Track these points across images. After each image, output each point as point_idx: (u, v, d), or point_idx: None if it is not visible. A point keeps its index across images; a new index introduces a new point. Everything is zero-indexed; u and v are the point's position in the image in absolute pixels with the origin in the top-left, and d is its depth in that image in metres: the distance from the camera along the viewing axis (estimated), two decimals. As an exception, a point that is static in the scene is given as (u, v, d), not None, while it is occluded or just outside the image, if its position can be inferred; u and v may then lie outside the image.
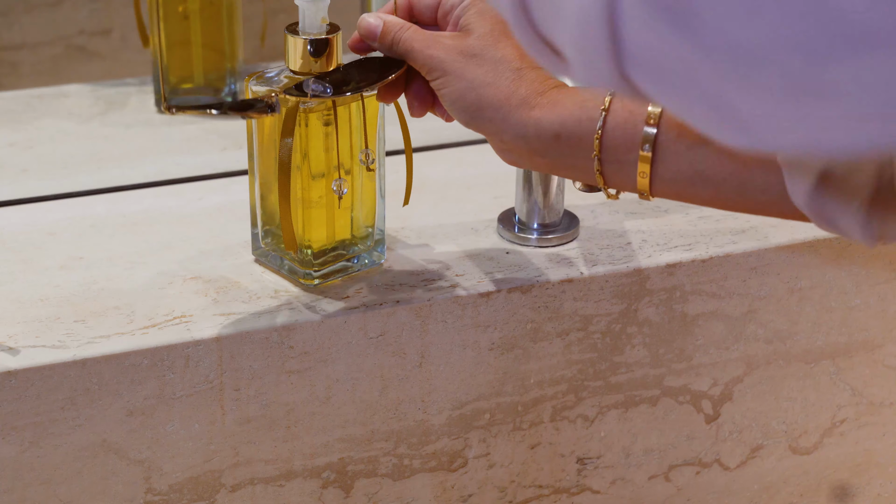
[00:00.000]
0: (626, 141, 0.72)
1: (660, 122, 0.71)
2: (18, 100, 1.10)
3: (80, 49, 1.14)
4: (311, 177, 0.81)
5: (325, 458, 0.86)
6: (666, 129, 0.71)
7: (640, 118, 0.71)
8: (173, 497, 0.82)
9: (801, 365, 0.95)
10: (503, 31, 0.76)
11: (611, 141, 0.72)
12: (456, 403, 0.87)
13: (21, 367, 0.76)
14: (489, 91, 0.75)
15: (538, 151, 0.75)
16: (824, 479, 1.00)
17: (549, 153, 0.75)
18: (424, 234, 0.91)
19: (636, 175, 0.72)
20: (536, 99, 0.75)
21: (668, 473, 0.95)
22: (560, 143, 0.74)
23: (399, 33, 0.76)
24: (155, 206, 0.94)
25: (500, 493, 0.91)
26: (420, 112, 0.79)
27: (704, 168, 0.70)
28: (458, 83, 0.75)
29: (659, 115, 0.71)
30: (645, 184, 0.72)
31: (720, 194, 0.71)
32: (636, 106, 0.72)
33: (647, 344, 0.90)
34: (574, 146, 0.74)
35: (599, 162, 0.73)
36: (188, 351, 0.79)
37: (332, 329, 0.82)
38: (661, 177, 0.72)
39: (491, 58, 0.75)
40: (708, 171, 0.70)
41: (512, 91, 0.75)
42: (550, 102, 0.74)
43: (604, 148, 0.72)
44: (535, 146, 0.75)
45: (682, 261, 0.89)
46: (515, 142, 0.75)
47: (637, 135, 0.71)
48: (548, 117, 0.74)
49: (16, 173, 0.99)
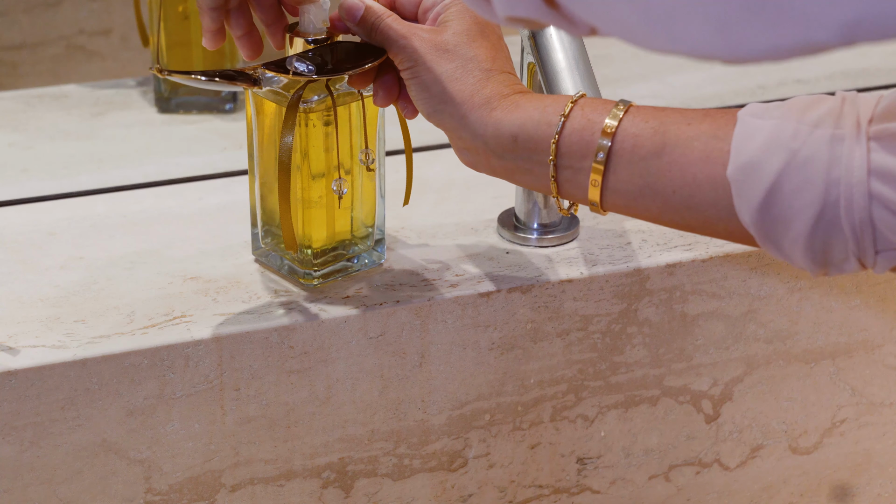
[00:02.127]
0: (582, 147, 0.73)
1: (616, 132, 0.71)
2: (18, 100, 1.10)
3: (80, 49, 1.14)
4: (311, 177, 0.82)
5: (325, 458, 0.86)
6: (621, 139, 0.72)
7: (598, 127, 0.72)
8: (173, 497, 0.82)
9: (801, 365, 0.95)
10: (480, 31, 0.77)
11: (567, 147, 0.73)
12: (456, 403, 0.87)
13: (21, 367, 0.76)
14: (454, 86, 0.76)
15: (495, 153, 0.75)
16: (824, 479, 1.00)
17: (506, 155, 0.75)
18: (424, 234, 0.91)
19: (588, 183, 0.73)
20: (499, 101, 0.75)
21: (668, 473, 0.95)
22: (517, 145, 0.74)
23: (378, 20, 0.77)
24: (155, 206, 0.94)
25: (500, 493, 0.91)
26: (383, 103, 0.79)
27: (654, 181, 0.71)
28: (427, 75, 0.76)
29: (615, 126, 0.72)
30: (596, 193, 0.73)
31: (668, 208, 0.71)
32: (595, 115, 0.72)
33: (647, 344, 0.90)
34: (531, 149, 0.74)
35: (555, 167, 0.73)
36: (188, 351, 0.79)
37: (332, 329, 0.82)
38: (612, 188, 0.72)
39: (463, 55, 0.76)
40: (657, 184, 0.71)
41: (476, 90, 0.76)
42: (512, 105, 0.75)
43: (560, 153, 0.73)
44: (492, 147, 0.75)
45: (682, 261, 0.89)
46: (474, 141, 0.76)
47: (593, 142, 0.72)
48: (507, 119, 0.75)
49: (16, 173, 1.00)
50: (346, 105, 0.81)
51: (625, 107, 0.72)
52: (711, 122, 0.70)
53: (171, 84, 1.08)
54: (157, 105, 1.09)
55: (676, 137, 0.70)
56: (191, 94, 1.09)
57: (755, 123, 0.68)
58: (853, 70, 1.20)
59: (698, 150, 0.69)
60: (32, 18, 1.12)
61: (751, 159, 0.67)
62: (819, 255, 0.67)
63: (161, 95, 1.08)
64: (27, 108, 1.09)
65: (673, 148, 0.70)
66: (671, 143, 0.70)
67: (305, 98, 0.80)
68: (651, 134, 0.71)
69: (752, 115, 0.68)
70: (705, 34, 0.43)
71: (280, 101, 0.81)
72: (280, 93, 0.81)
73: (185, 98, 1.09)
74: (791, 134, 0.66)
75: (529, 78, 0.87)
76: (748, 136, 0.67)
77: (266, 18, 0.80)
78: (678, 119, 0.71)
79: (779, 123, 0.67)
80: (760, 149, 0.67)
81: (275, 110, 0.81)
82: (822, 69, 1.20)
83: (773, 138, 0.66)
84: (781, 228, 0.67)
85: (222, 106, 1.09)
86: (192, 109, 1.09)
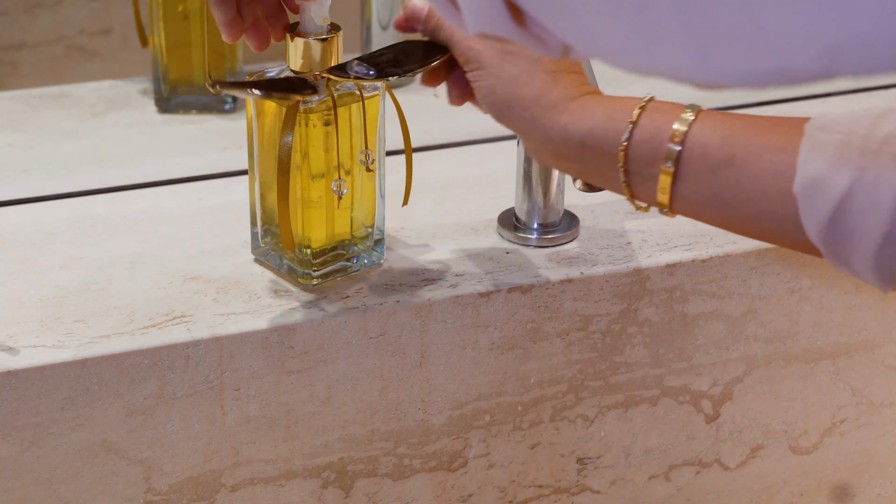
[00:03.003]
0: (650, 155, 0.72)
1: (685, 140, 0.71)
2: (18, 100, 1.10)
3: (80, 49, 1.14)
4: (310, 177, 0.81)
5: (325, 458, 0.86)
6: (690, 147, 0.71)
7: (666, 135, 0.72)
8: (173, 497, 0.82)
9: (801, 365, 0.95)
10: None
11: (635, 154, 0.73)
12: (456, 403, 0.87)
13: (21, 367, 0.76)
14: (521, 91, 0.75)
15: (564, 156, 0.75)
16: (824, 479, 1.00)
17: (576, 159, 0.75)
18: (424, 234, 0.91)
19: (657, 190, 0.72)
20: (566, 104, 0.75)
21: (668, 473, 0.95)
22: (585, 150, 0.74)
23: (442, 20, 0.77)
24: (155, 206, 0.94)
25: (500, 493, 0.91)
26: (458, 101, 0.79)
27: (722, 191, 0.70)
28: (492, 79, 0.76)
29: (684, 133, 0.71)
30: (665, 199, 0.72)
31: (736, 220, 0.71)
32: (664, 121, 0.72)
33: (647, 344, 0.90)
34: (598, 156, 0.74)
35: (625, 174, 0.73)
36: (188, 351, 0.79)
37: (332, 329, 0.82)
38: (681, 195, 0.72)
39: (528, 57, 0.76)
40: (725, 195, 0.70)
41: (543, 93, 0.75)
42: (580, 109, 0.75)
43: (629, 160, 0.73)
44: (561, 151, 0.75)
45: (682, 261, 0.89)
46: (543, 144, 0.76)
47: (661, 150, 0.72)
48: (575, 124, 0.74)
49: (16, 173, 0.99)
50: (347, 105, 0.81)
51: (694, 112, 0.72)
52: (779, 133, 0.69)
53: (170, 84, 1.08)
54: (157, 105, 1.09)
55: (745, 149, 0.70)
56: (191, 94, 1.09)
57: (822, 137, 0.67)
58: (853, 70, 1.20)
59: (766, 161, 0.69)
60: (32, 18, 1.12)
61: (817, 175, 0.66)
62: (887, 272, 0.66)
63: (161, 95, 1.08)
64: (27, 108, 1.09)
65: (741, 160, 0.70)
66: (739, 154, 0.70)
67: (305, 98, 0.80)
68: (720, 143, 0.70)
69: (819, 128, 0.68)
70: (682, 56, 0.43)
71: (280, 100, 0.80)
72: (280, 93, 0.81)
73: (185, 98, 1.09)
74: (859, 151, 0.65)
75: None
76: (815, 151, 0.67)
77: (266, 11, 0.80)
78: (746, 129, 0.70)
79: (845, 139, 0.66)
80: (827, 165, 0.66)
81: (275, 110, 0.81)
82: (822, 69, 1.20)
83: (839, 155, 0.66)
84: (849, 246, 0.66)
85: (222, 106, 1.09)
86: (191, 109, 1.09)
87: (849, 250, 0.67)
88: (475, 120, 0.89)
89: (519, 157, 0.90)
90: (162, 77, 1.08)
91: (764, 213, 0.70)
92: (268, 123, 0.82)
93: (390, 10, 1.13)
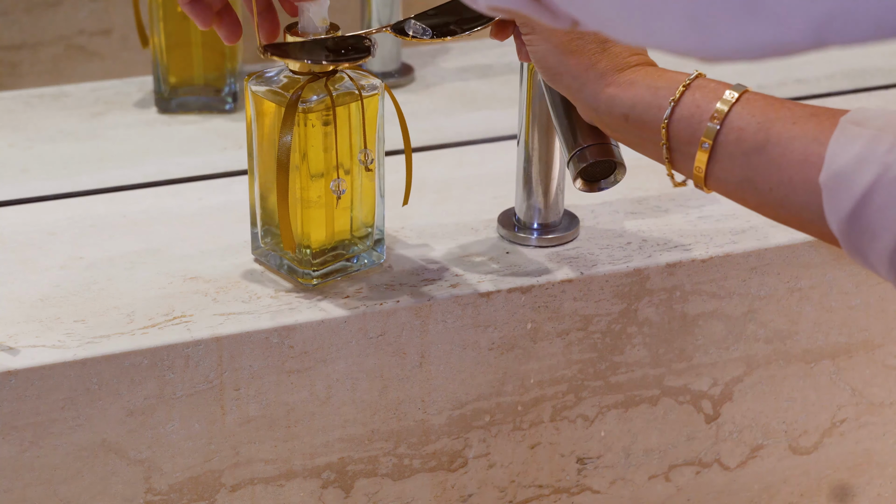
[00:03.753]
0: (689, 134, 0.74)
1: (724, 121, 0.72)
2: (18, 100, 1.11)
3: (80, 49, 1.14)
4: (310, 176, 0.81)
5: (325, 458, 0.86)
6: (727, 131, 0.72)
7: (707, 114, 0.73)
8: (173, 497, 0.82)
9: (801, 365, 0.95)
10: None
11: (675, 131, 0.74)
12: (456, 403, 0.87)
13: (21, 367, 0.76)
14: (571, 59, 0.77)
15: (609, 125, 0.77)
16: (824, 479, 1.00)
17: (620, 130, 0.77)
18: (424, 234, 0.91)
19: (692, 168, 0.74)
20: (614, 76, 0.76)
21: (668, 473, 0.95)
22: (628, 124, 0.76)
23: None
24: (155, 206, 0.94)
25: (500, 493, 0.91)
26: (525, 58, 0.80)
27: (753, 175, 0.71)
28: (544, 44, 0.77)
29: (725, 113, 0.72)
30: (700, 177, 0.74)
31: (764, 203, 0.72)
32: (706, 101, 0.73)
33: (647, 344, 0.90)
34: (640, 129, 0.75)
35: (668, 150, 0.75)
36: (188, 351, 0.79)
37: (332, 329, 0.82)
38: (715, 175, 0.73)
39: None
40: (756, 179, 0.71)
41: (592, 63, 0.76)
42: (626, 82, 0.76)
43: (670, 136, 0.74)
44: (606, 121, 0.77)
45: (682, 261, 0.89)
46: (590, 112, 0.78)
47: (700, 130, 0.73)
48: (620, 97, 0.76)
49: (16, 173, 1.00)
50: (346, 105, 0.81)
51: (738, 92, 0.73)
52: (816, 123, 0.70)
53: (170, 84, 1.08)
54: (157, 105, 1.09)
55: (779, 136, 0.70)
56: (191, 94, 1.09)
57: (854, 131, 0.67)
58: (853, 70, 1.20)
59: (798, 151, 0.69)
60: (32, 18, 1.12)
61: (843, 168, 0.67)
62: None
63: (161, 95, 1.08)
64: (27, 108, 1.09)
65: (774, 146, 0.70)
66: (773, 141, 0.71)
67: (304, 98, 0.80)
68: (755, 129, 0.71)
69: (853, 121, 0.68)
70: (681, 30, 0.43)
71: (279, 100, 0.81)
72: (279, 92, 0.81)
73: (185, 98, 1.09)
74: (887, 147, 0.65)
75: (530, 77, 0.87)
76: (845, 144, 0.67)
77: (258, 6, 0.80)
78: (785, 116, 0.71)
79: (877, 134, 0.66)
80: (854, 159, 0.66)
81: (274, 110, 0.81)
82: (822, 69, 1.20)
83: (868, 149, 0.66)
84: (868, 241, 0.66)
85: (222, 106, 1.09)
86: (191, 109, 1.09)
87: (867, 245, 0.67)
88: (475, 120, 0.89)
89: (519, 157, 0.90)
90: (162, 77, 1.08)
91: (791, 200, 0.70)
92: (267, 123, 0.82)
93: (390, 10, 1.13)
